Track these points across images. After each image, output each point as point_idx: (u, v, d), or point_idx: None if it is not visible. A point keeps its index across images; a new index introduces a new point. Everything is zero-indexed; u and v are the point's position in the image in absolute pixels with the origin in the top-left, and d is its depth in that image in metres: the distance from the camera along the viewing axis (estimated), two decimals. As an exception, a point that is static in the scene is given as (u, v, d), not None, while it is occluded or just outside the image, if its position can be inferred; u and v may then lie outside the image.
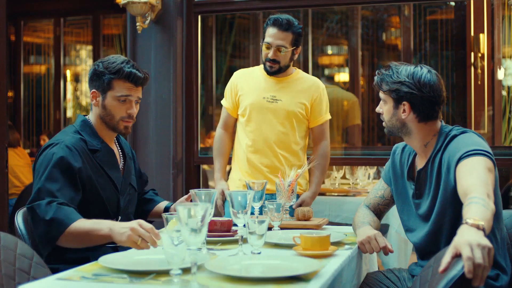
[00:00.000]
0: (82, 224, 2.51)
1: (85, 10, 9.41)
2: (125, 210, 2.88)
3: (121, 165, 2.91)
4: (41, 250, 2.60)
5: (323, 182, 4.91)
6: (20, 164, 6.23)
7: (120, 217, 2.81)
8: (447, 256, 1.81)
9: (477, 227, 1.86)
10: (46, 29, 9.96)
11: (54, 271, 2.40)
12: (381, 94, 2.68)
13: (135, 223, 2.31)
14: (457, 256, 1.80)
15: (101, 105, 2.81)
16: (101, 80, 2.79)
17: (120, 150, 2.97)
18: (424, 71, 2.59)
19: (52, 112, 9.75)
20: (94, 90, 2.82)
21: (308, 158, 3.74)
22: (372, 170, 5.64)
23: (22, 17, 9.69)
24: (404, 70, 2.60)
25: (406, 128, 2.64)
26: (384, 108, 2.68)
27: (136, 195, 3.03)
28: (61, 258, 2.62)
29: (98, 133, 2.83)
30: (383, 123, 2.73)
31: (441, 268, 1.81)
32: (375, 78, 2.68)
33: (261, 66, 3.71)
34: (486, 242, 1.78)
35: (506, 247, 2.55)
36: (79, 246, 2.57)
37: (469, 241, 1.77)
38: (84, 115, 2.89)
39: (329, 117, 3.74)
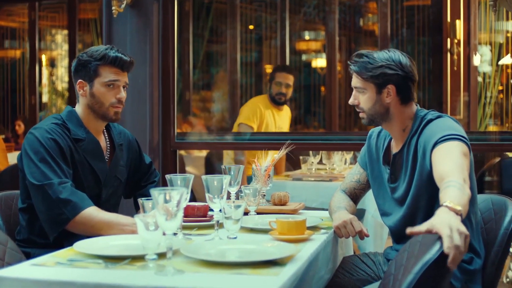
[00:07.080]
0: (97, 213, 2.55)
1: (61, -6, 9.31)
2: (106, 203, 2.84)
3: (107, 156, 2.86)
4: (50, 231, 2.59)
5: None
6: (-6, 149, 6.15)
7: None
8: (422, 227, 1.82)
9: (456, 212, 1.88)
10: (21, 13, 9.83)
11: (26, 255, 2.38)
12: (359, 83, 2.64)
13: None
14: (431, 233, 1.80)
15: (89, 94, 2.76)
16: (86, 69, 2.74)
17: (108, 142, 2.91)
18: (398, 53, 2.62)
19: (27, 97, 9.64)
20: (80, 80, 2.77)
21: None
22: (348, 155, 5.67)
23: (-4, 1, 9.56)
24: (381, 55, 2.61)
25: (388, 113, 2.63)
26: (363, 97, 2.65)
27: (121, 187, 2.98)
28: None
29: (84, 124, 2.79)
30: (361, 114, 2.69)
31: (412, 231, 1.83)
32: (352, 67, 2.65)
33: None
34: (464, 229, 1.79)
35: (480, 231, 2.58)
36: (85, 234, 2.51)
37: (450, 224, 1.78)
38: (72, 107, 2.84)
39: None
